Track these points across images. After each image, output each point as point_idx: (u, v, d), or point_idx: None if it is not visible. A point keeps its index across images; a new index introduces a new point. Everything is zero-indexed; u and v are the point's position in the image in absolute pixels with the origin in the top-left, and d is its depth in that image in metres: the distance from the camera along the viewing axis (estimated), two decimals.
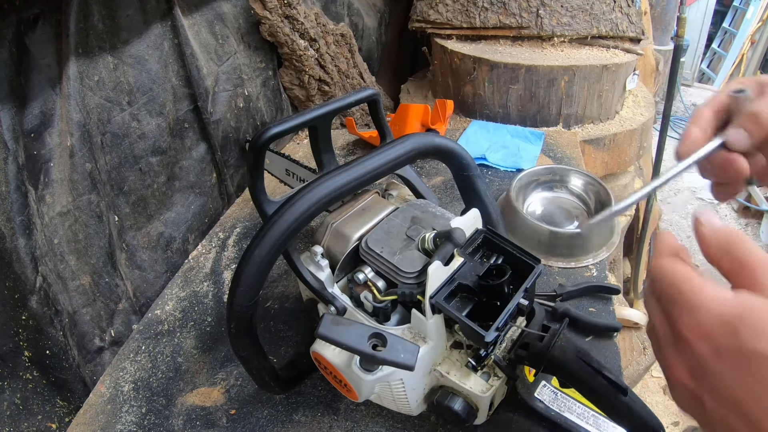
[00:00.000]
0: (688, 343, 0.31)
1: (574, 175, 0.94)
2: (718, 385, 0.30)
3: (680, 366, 0.31)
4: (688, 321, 0.31)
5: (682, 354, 0.31)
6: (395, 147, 0.53)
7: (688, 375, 0.31)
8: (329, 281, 0.54)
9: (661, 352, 0.33)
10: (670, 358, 0.32)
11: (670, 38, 2.26)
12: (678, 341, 0.31)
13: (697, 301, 0.31)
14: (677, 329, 0.31)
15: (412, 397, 0.52)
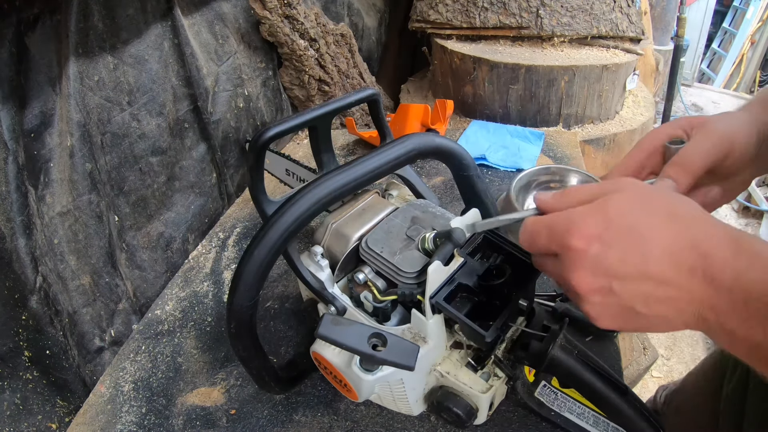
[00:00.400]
0: (582, 252, 0.36)
1: (574, 175, 0.94)
2: (618, 266, 0.35)
3: (584, 274, 0.37)
4: (574, 237, 0.37)
5: (581, 263, 0.37)
6: (395, 147, 0.53)
7: (592, 276, 0.36)
8: (329, 281, 0.54)
9: (567, 278, 0.38)
10: (575, 275, 0.37)
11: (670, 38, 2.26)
12: (575, 256, 0.37)
13: (571, 215, 0.38)
14: (569, 248, 0.37)
15: (412, 397, 0.52)
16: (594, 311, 0.38)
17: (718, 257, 0.34)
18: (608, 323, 0.38)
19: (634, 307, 0.36)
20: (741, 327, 0.33)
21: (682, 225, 0.36)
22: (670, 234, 0.35)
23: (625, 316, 0.37)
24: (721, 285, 0.33)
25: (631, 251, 0.36)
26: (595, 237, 0.36)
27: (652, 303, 0.35)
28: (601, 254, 0.36)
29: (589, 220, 0.37)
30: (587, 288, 0.37)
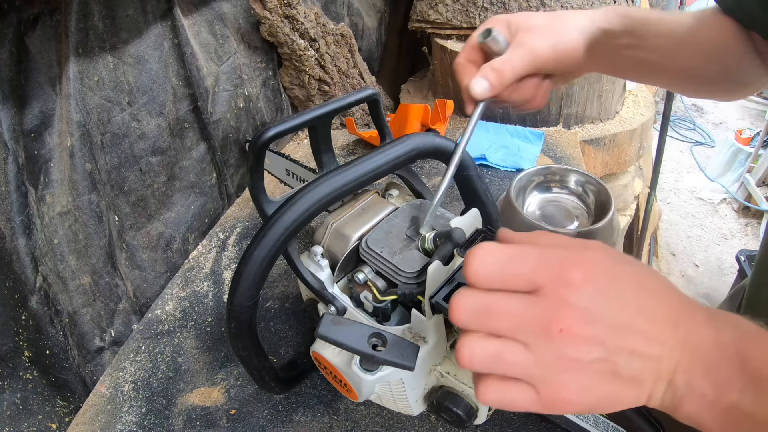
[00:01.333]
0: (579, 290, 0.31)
1: (574, 175, 0.94)
2: (615, 312, 0.31)
3: (578, 315, 0.31)
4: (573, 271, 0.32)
5: (577, 302, 0.31)
6: (395, 147, 0.53)
7: (585, 323, 0.31)
8: (329, 281, 0.54)
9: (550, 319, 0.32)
10: (566, 315, 0.31)
11: None
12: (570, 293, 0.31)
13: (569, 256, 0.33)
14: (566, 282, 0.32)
15: (412, 397, 0.52)
16: (566, 372, 0.32)
17: (697, 317, 0.33)
18: (575, 392, 0.32)
19: (617, 364, 0.31)
20: (712, 391, 0.31)
21: (665, 287, 0.34)
22: (657, 291, 0.33)
23: (600, 380, 0.32)
24: (698, 345, 0.32)
25: (628, 297, 0.32)
26: (602, 270, 0.33)
27: (635, 361, 0.31)
28: (601, 297, 0.32)
29: (594, 256, 0.33)
30: (577, 335, 0.31)
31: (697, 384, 0.31)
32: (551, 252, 0.33)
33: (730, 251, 2.64)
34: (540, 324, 0.31)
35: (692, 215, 2.97)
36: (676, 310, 0.33)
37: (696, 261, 2.64)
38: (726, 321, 0.33)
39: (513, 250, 0.34)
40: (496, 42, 0.52)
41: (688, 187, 3.21)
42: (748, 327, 0.32)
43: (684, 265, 2.61)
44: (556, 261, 0.33)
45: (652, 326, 0.32)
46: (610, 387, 0.32)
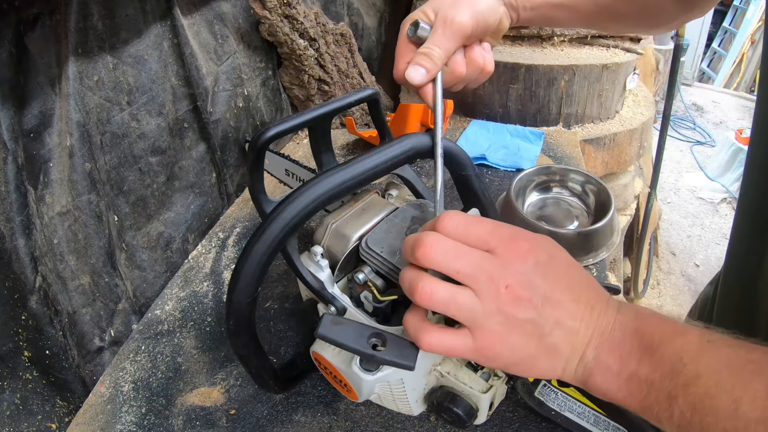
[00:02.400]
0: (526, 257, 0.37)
1: (574, 175, 0.94)
2: (551, 283, 0.37)
3: (519, 277, 0.37)
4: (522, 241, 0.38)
5: (522, 266, 0.37)
6: (394, 146, 0.53)
7: (526, 285, 0.37)
8: (329, 281, 0.54)
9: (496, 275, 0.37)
10: (509, 274, 0.37)
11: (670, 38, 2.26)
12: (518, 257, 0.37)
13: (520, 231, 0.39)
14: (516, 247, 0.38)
15: (412, 397, 0.52)
16: (501, 324, 0.37)
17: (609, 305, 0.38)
18: (501, 344, 0.38)
19: (543, 328, 0.37)
20: (617, 363, 0.36)
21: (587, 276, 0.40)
22: (583, 277, 0.39)
23: (526, 339, 0.37)
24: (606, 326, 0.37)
25: (560, 277, 0.38)
26: (543, 249, 0.38)
27: (558, 330, 0.37)
28: (541, 268, 0.37)
29: (539, 238, 0.39)
30: (517, 294, 0.37)
31: (603, 357, 0.36)
32: (505, 225, 0.40)
33: None
34: (491, 276, 0.37)
35: (692, 215, 2.97)
36: (594, 296, 0.38)
37: (696, 260, 2.64)
38: (629, 307, 0.39)
39: (475, 217, 0.40)
40: (425, 31, 0.54)
41: (688, 187, 3.21)
42: (645, 310, 0.38)
43: (684, 265, 2.61)
44: (508, 231, 0.39)
45: (575, 305, 0.37)
46: (533, 349, 0.37)
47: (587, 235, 0.81)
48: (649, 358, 0.35)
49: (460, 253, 0.38)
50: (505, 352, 0.38)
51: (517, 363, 0.39)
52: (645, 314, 0.38)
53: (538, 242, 0.39)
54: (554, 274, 0.38)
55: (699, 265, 2.61)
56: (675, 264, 2.61)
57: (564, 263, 0.39)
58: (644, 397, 0.34)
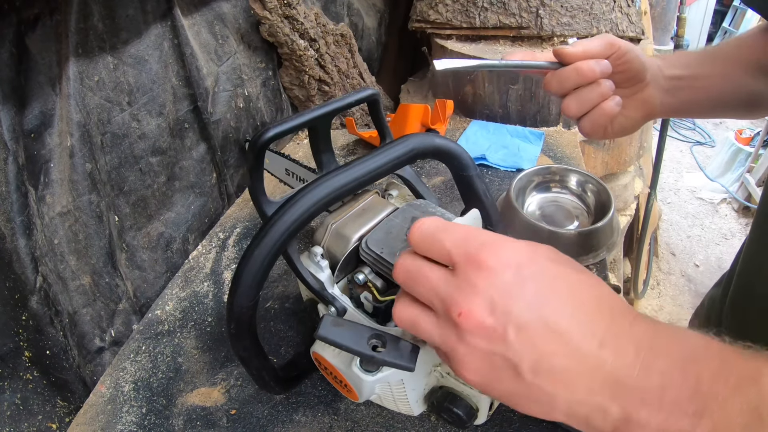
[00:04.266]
0: (492, 274, 0.30)
1: (574, 175, 0.94)
2: (524, 309, 0.29)
3: (480, 302, 0.30)
4: (489, 254, 0.30)
5: (484, 288, 0.30)
6: (395, 147, 0.53)
7: (488, 309, 0.29)
8: (329, 282, 0.54)
9: (454, 299, 0.30)
10: (470, 300, 0.30)
11: (670, 38, 2.26)
12: (480, 276, 0.30)
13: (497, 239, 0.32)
14: (477, 262, 0.30)
15: (412, 398, 0.52)
16: (466, 355, 0.31)
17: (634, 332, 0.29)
18: (473, 375, 0.31)
19: (519, 367, 0.29)
20: (656, 420, 0.27)
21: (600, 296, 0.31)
22: (587, 300, 0.30)
23: (500, 374, 0.30)
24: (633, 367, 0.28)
25: (548, 297, 0.30)
26: (513, 265, 0.30)
27: (543, 370, 0.29)
28: (513, 287, 0.30)
29: (515, 246, 0.31)
30: (476, 323, 0.30)
31: (634, 411, 0.27)
32: (479, 234, 0.32)
33: (730, 251, 2.64)
34: (446, 302, 0.31)
35: (692, 215, 2.97)
36: (605, 325, 0.29)
37: (696, 261, 2.64)
38: (670, 334, 0.29)
39: (448, 224, 0.34)
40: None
41: (688, 187, 3.21)
42: (696, 340, 0.29)
43: (684, 265, 2.61)
44: (476, 242, 0.31)
45: (572, 337, 0.29)
46: (513, 387, 0.30)
47: (587, 235, 0.81)
48: (710, 414, 0.26)
49: (419, 274, 0.33)
50: (478, 382, 0.31)
51: (499, 396, 0.32)
52: (697, 345, 0.28)
53: (518, 252, 0.31)
54: (538, 293, 0.30)
55: (699, 265, 2.61)
56: (675, 264, 2.61)
57: (561, 280, 0.31)
58: None
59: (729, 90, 0.58)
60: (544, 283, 0.30)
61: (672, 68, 0.59)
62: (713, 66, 0.59)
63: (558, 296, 0.30)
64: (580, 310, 0.30)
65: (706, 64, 0.59)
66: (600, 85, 0.54)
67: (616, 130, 0.61)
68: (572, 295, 0.30)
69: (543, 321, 0.29)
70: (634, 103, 0.59)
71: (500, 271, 0.30)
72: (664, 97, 0.59)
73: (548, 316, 0.29)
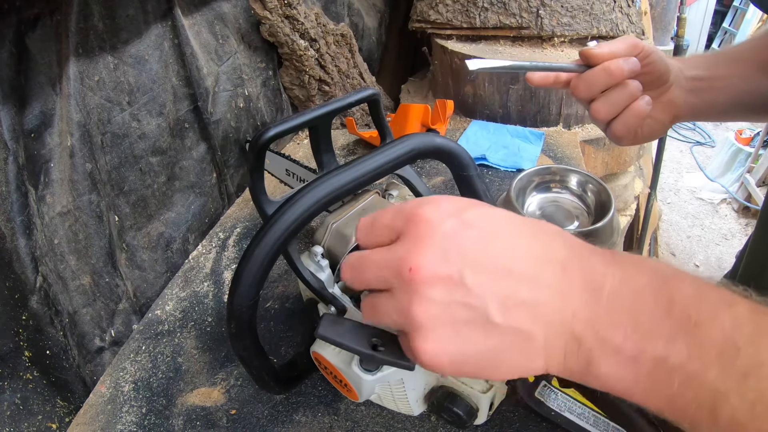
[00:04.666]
0: (435, 224, 0.29)
1: (574, 175, 0.94)
2: (474, 250, 0.28)
3: (430, 253, 0.28)
4: (427, 208, 0.30)
5: (429, 240, 0.29)
6: (395, 147, 0.53)
7: (438, 259, 0.28)
8: (329, 281, 0.54)
9: (404, 261, 0.29)
10: (417, 254, 0.28)
11: (670, 38, 2.26)
12: (422, 231, 0.29)
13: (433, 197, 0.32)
14: (418, 219, 0.30)
15: (412, 397, 0.52)
16: (426, 320, 0.28)
17: (595, 258, 0.28)
18: (438, 344, 0.28)
19: (487, 310, 0.27)
20: (631, 342, 0.26)
21: (551, 231, 0.31)
22: (539, 234, 0.30)
23: (467, 332, 0.28)
24: (601, 289, 0.27)
25: (498, 233, 0.29)
26: (451, 213, 0.30)
27: (512, 309, 0.27)
28: (459, 231, 0.29)
29: (452, 198, 0.31)
30: (429, 273, 0.28)
31: (608, 335, 0.26)
32: (411, 201, 0.32)
33: (730, 251, 2.64)
34: (395, 266, 0.29)
35: (692, 215, 2.97)
36: (564, 251, 0.29)
37: (696, 261, 2.64)
38: (635, 261, 0.28)
39: (382, 210, 0.33)
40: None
41: (688, 187, 3.21)
42: (665, 268, 0.28)
43: (684, 265, 2.61)
44: (412, 204, 0.31)
45: (531, 268, 0.28)
46: (485, 340, 0.28)
47: (587, 235, 0.81)
48: (684, 337, 0.25)
49: (362, 261, 0.32)
50: (445, 351, 0.28)
51: (472, 364, 0.29)
52: (667, 272, 0.27)
53: (456, 202, 0.31)
54: (486, 236, 0.29)
55: (699, 265, 2.61)
56: (675, 264, 2.61)
57: (506, 220, 0.30)
58: (675, 393, 0.25)
59: (748, 90, 0.58)
60: (488, 224, 0.29)
61: (692, 69, 0.59)
62: (730, 67, 0.59)
63: (506, 233, 0.29)
64: (533, 241, 0.29)
65: (723, 66, 0.59)
66: (628, 85, 0.53)
67: (645, 134, 0.60)
68: (520, 230, 0.30)
69: (498, 258, 0.28)
70: (660, 105, 0.58)
71: (442, 219, 0.29)
72: (688, 98, 0.58)
73: (502, 253, 0.28)
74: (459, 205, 0.31)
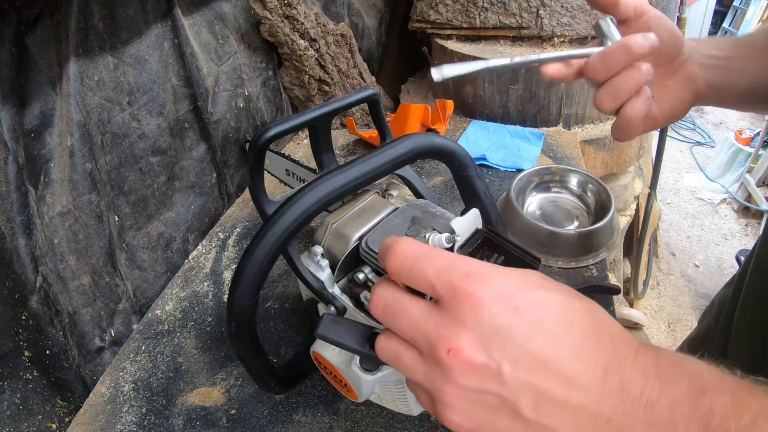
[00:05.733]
0: (481, 307, 0.27)
1: (574, 175, 0.94)
2: (520, 343, 0.27)
3: (471, 337, 0.27)
4: (476, 284, 0.28)
5: (474, 321, 0.27)
6: (395, 147, 0.53)
7: (480, 344, 0.27)
8: (329, 281, 0.54)
9: (442, 334, 0.28)
10: (459, 334, 0.27)
11: None
12: (468, 307, 0.27)
13: (484, 268, 0.29)
14: (465, 293, 0.28)
15: (412, 397, 0.52)
16: (456, 397, 0.28)
17: (637, 366, 0.27)
18: (462, 419, 0.28)
19: (517, 405, 0.27)
20: None
21: (600, 325, 0.29)
22: (588, 329, 0.28)
23: (494, 416, 0.28)
24: (638, 398, 0.26)
25: (543, 327, 0.27)
26: (503, 295, 0.28)
27: (543, 406, 0.27)
28: (504, 320, 0.27)
29: (503, 275, 0.29)
30: (466, 360, 0.27)
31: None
32: (463, 261, 0.29)
33: (730, 251, 2.64)
34: (431, 339, 0.28)
35: (692, 215, 2.97)
36: (609, 353, 0.28)
37: (696, 261, 2.64)
38: (676, 365, 0.27)
39: (428, 249, 0.30)
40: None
41: (688, 187, 3.21)
42: (706, 373, 0.27)
43: (684, 265, 2.61)
44: (462, 271, 0.29)
45: (572, 367, 0.27)
46: (509, 426, 0.28)
47: (587, 235, 0.81)
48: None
49: (399, 309, 0.30)
50: (469, 428, 0.29)
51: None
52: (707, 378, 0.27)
53: (506, 283, 0.28)
54: (532, 324, 0.27)
55: (699, 265, 2.61)
56: (675, 264, 2.61)
57: (556, 307, 0.28)
58: None
59: (765, 75, 0.55)
60: (538, 313, 0.28)
61: (707, 49, 0.56)
62: (746, 51, 0.56)
63: (554, 325, 0.28)
64: (580, 338, 0.28)
65: (739, 49, 0.57)
66: (636, 69, 0.48)
67: (667, 115, 0.56)
68: (570, 323, 0.28)
69: (540, 353, 0.27)
70: (679, 81, 0.55)
71: (489, 303, 0.27)
72: (707, 74, 0.55)
73: (545, 348, 0.27)
74: (511, 287, 0.28)
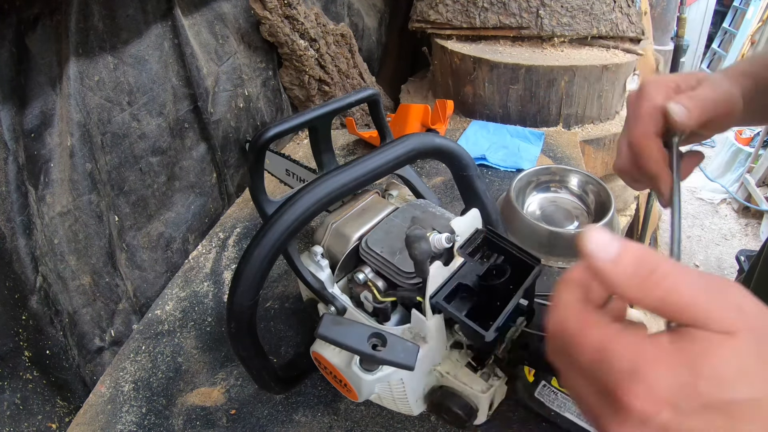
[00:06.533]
0: (646, 416, 0.24)
1: (574, 175, 0.94)
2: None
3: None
4: (636, 391, 0.24)
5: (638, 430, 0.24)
6: (395, 147, 0.53)
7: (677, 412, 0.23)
8: (329, 281, 0.54)
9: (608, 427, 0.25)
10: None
11: (670, 38, 2.26)
12: (630, 418, 0.24)
13: (638, 362, 0.24)
14: (624, 405, 0.24)
15: (412, 397, 0.52)
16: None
17: None
18: None
19: None
20: None
21: None
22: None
23: None
24: None
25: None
26: (667, 403, 0.23)
27: None
28: (675, 427, 0.23)
29: (667, 374, 0.23)
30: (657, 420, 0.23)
31: None
32: (632, 353, 0.24)
33: (730, 251, 2.64)
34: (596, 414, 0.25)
35: (692, 215, 2.97)
36: None
37: (696, 261, 2.64)
38: None
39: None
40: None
41: (688, 187, 3.21)
42: None
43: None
44: (626, 367, 0.24)
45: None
46: None
47: None
48: None
49: (570, 358, 0.26)
50: None
51: None
52: None
53: (677, 376, 0.23)
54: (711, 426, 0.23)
55: (699, 265, 2.61)
56: None
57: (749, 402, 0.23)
58: None
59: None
60: (715, 417, 0.23)
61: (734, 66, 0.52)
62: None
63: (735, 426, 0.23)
64: None
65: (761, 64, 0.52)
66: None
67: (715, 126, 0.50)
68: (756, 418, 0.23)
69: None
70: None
71: (657, 410, 0.23)
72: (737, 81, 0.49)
73: None
74: (684, 383, 0.23)
